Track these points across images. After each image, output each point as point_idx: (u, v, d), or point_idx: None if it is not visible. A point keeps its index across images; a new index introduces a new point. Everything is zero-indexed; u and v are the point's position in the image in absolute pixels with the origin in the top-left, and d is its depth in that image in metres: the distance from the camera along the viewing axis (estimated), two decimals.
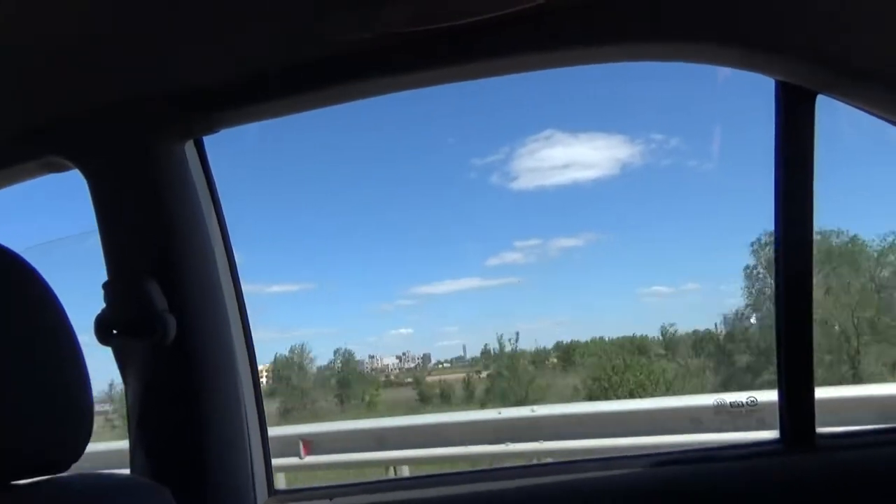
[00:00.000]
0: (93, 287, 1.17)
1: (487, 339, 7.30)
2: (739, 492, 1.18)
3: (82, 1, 0.93)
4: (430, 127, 8.00)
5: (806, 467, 1.18)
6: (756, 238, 5.94)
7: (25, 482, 0.68)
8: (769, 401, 3.12)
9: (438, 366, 7.78)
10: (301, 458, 3.98)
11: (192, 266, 1.18)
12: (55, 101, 1.16)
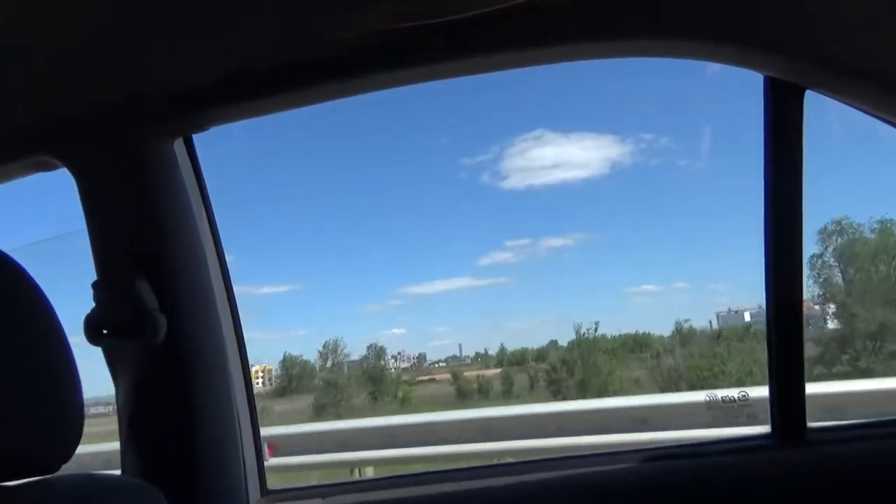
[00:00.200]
0: (81, 288, 1.16)
1: (479, 338, 7.29)
2: (731, 486, 1.19)
3: (73, 1, 0.92)
4: (420, 127, 8.02)
5: (797, 462, 1.19)
6: (822, 226, 5.92)
7: (15, 483, 0.68)
8: (760, 396, 3.15)
9: (434, 365, 7.77)
10: (266, 459, 4.01)
11: (182, 265, 1.17)
12: (43, 100, 1.15)
